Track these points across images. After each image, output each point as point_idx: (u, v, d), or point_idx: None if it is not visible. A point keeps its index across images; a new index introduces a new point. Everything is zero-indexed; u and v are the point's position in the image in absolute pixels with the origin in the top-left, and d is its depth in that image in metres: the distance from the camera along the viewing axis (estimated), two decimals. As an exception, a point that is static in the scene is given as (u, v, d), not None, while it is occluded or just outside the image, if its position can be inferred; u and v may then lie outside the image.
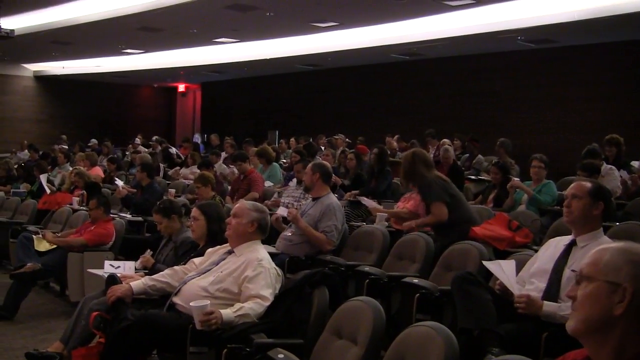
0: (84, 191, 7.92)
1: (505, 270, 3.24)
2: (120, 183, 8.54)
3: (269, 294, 3.40)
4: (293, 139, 14.01)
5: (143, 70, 18.69)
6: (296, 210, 5.05)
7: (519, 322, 3.06)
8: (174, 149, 13.45)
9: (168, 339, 3.34)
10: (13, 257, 6.67)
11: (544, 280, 3.17)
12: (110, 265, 4.58)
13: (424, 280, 3.99)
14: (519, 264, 3.40)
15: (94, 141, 16.16)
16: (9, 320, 5.45)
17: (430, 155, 11.20)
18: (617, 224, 4.87)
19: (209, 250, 3.89)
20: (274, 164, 9.40)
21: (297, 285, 3.46)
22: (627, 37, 11.79)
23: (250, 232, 3.68)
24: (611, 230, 4.44)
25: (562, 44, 12.58)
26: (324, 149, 12.36)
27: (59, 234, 6.34)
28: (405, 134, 12.95)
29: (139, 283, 3.67)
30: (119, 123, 21.50)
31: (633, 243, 1.66)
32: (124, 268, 4.48)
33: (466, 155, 10.88)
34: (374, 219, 6.20)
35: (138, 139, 16.24)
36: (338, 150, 11.45)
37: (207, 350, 3.23)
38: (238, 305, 3.32)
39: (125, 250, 5.96)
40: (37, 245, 5.99)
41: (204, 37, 14.65)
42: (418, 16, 11.85)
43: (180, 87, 23.58)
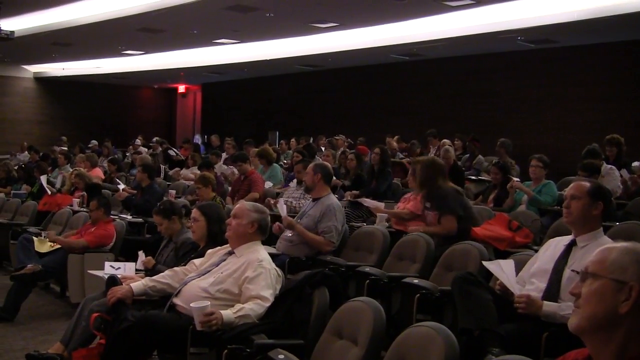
0: (84, 192, 7.92)
1: (505, 270, 3.24)
2: (121, 185, 8.55)
3: (269, 294, 3.40)
4: (293, 140, 14.02)
5: (143, 71, 18.67)
6: (290, 218, 5.04)
7: (519, 322, 3.06)
8: (173, 150, 13.43)
9: (168, 339, 3.34)
10: (13, 259, 6.69)
11: (544, 280, 3.17)
12: (111, 266, 4.59)
13: (425, 281, 3.99)
14: (519, 264, 3.40)
15: (94, 142, 16.15)
16: (9, 321, 5.46)
17: (431, 154, 11.35)
18: (617, 223, 4.87)
19: (210, 251, 3.89)
20: (275, 164, 9.40)
21: (298, 286, 3.46)
22: (627, 37, 11.79)
23: (251, 233, 3.68)
24: (611, 230, 4.43)
25: (562, 44, 12.58)
26: (324, 149, 12.36)
27: (60, 236, 6.35)
28: (405, 134, 12.95)
29: (139, 284, 3.67)
30: (119, 124, 21.49)
31: (638, 243, 1.67)
32: (124, 269, 4.49)
33: (467, 155, 10.88)
34: (374, 220, 6.20)
35: (138, 140, 16.24)
36: (338, 151, 11.45)
37: (208, 351, 3.24)
38: (238, 306, 3.32)
39: (125, 251, 5.97)
40: (38, 247, 6.00)
41: (204, 38, 14.65)
42: (418, 16, 11.85)
43: (181, 88, 23.57)
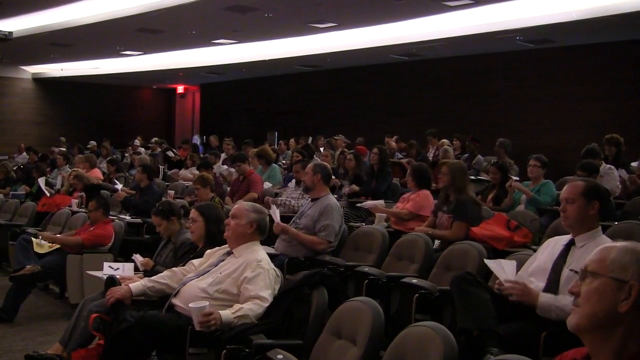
0: (83, 193, 7.92)
1: (505, 270, 3.24)
2: (119, 185, 8.55)
3: (268, 294, 3.40)
4: (293, 140, 14.01)
5: (142, 71, 18.65)
6: (282, 224, 5.03)
7: (518, 322, 3.07)
8: (172, 151, 13.42)
9: (167, 340, 3.34)
10: (12, 260, 6.68)
11: (543, 279, 3.17)
12: (110, 266, 4.58)
13: (423, 281, 3.99)
14: (518, 264, 3.39)
15: (93, 143, 16.14)
16: (8, 322, 5.46)
17: (430, 154, 11.36)
18: (616, 223, 4.88)
19: (208, 251, 3.89)
20: (274, 165, 9.40)
21: (296, 286, 3.46)
22: (626, 37, 11.78)
23: (249, 233, 3.68)
24: (610, 229, 4.44)
25: (561, 44, 12.58)
26: (322, 149, 12.36)
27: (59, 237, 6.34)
28: (404, 134, 12.94)
29: (138, 284, 3.67)
30: (117, 125, 21.47)
31: (638, 243, 1.68)
32: (123, 270, 4.48)
33: (466, 155, 10.88)
34: (373, 220, 6.20)
35: (137, 141, 16.23)
36: (337, 151, 11.45)
37: (207, 351, 3.24)
38: (237, 306, 3.32)
39: (124, 251, 5.96)
40: (37, 248, 6.00)
41: (203, 39, 14.65)
42: (417, 16, 11.84)
43: (179, 89, 23.56)
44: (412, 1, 10.59)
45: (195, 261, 3.88)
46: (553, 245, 3.31)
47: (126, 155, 15.01)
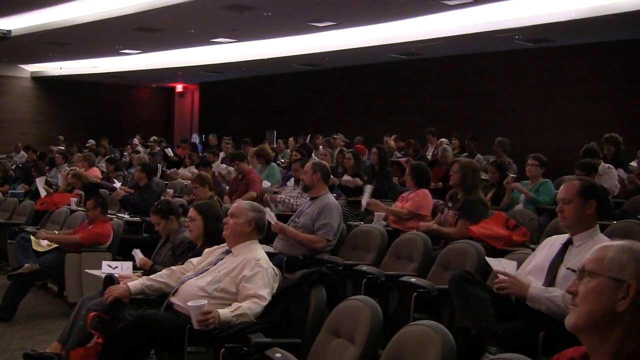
0: (81, 192, 7.91)
1: (506, 268, 3.25)
2: (117, 184, 8.54)
3: (266, 293, 3.40)
4: (292, 139, 14.01)
5: (140, 70, 18.66)
6: (280, 224, 5.02)
7: (516, 321, 3.07)
8: (169, 150, 13.41)
9: (166, 338, 3.34)
10: (11, 258, 6.68)
11: (541, 278, 3.17)
12: (108, 265, 4.59)
13: (422, 279, 3.99)
14: (517, 263, 3.40)
15: (91, 142, 16.12)
16: (7, 321, 5.46)
17: (429, 153, 11.36)
18: (615, 222, 4.88)
19: (207, 250, 3.89)
20: (272, 164, 9.39)
21: (295, 285, 3.46)
22: (625, 36, 11.80)
23: (248, 232, 3.68)
24: (609, 228, 4.44)
25: (560, 43, 12.58)
26: (322, 148, 12.35)
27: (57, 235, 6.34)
28: (403, 133, 12.93)
29: (136, 283, 3.67)
30: (116, 124, 21.46)
31: (636, 242, 1.68)
32: (121, 268, 4.48)
33: (465, 154, 10.87)
34: (372, 219, 6.20)
35: (136, 140, 16.22)
36: (336, 150, 11.44)
37: (205, 350, 3.24)
38: (235, 304, 3.32)
39: (123, 250, 5.96)
40: (35, 246, 6.00)
41: (202, 37, 14.64)
42: (415, 15, 11.85)
43: (178, 88, 23.56)
44: (411, 0, 10.59)
45: (194, 260, 3.87)
46: (551, 244, 3.31)
47: (125, 154, 14.99)
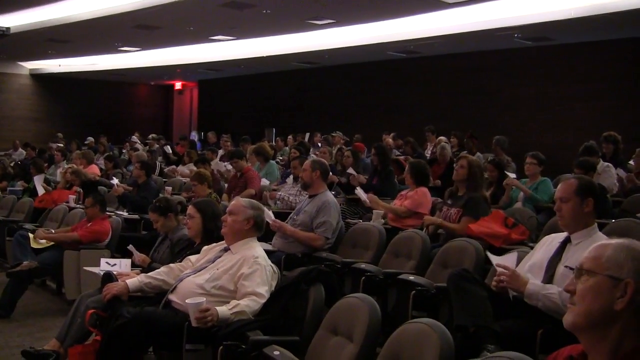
0: (80, 189, 7.91)
1: (505, 261, 3.26)
2: (115, 181, 8.54)
3: (264, 291, 3.40)
4: (291, 137, 14.00)
5: (139, 68, 18.63)
6: (278, 222, 5.02)
7: (514, 319, 3.07)
8: (168, 147, 13.41)
9: (164, 336, 3.34)
10: (9, 256, 6.67)
11: (539, 276, 3.17)
12: (107, 263, 4.59)
13: (420, 277, 4.00)
14: (517, 254, 3.41)
15: (90, 139, 16.12)
16: (5, 318, 5.46)
17: (428, 151, 11.36)
18: (613, 220, 4.88)
19: (205, 247, 3.89)
20: (271, 161, 9.39)
21: (293, 283, 3.46)
22: (625, 35, 11.78)
23: (246, 230, 3.68)
24: (607, 227, 4.44)
25: (559, 41, 12.57)
26: (320, 145, 12.35)
27: (55, 232, 6.33)
28: (402, 131, 12.93)
29: (134, 281, 3.67)
30: (115, 121, 21.43)
31: (634, 240, 1.67)
32: (120, 266, 4.48)
33: (463, 152, 10.86)
34: (370, 217, 6.20)
35: (135, 137, 16.22)
36: (335, 148, 11.44)
37: (203, 348, 3.24)
38: (234, 302, 3.32)
39: (121, 248, 5.95)
40: (34, 243, 5.99)
41: (201, 35, 14.62)
42: (415, 14, 11.84)
43: (177, 85, 23.52)
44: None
45: (192, 257, 3.88)
46: (549, 243, 3.31)
47: (124, 151, 14.99)
